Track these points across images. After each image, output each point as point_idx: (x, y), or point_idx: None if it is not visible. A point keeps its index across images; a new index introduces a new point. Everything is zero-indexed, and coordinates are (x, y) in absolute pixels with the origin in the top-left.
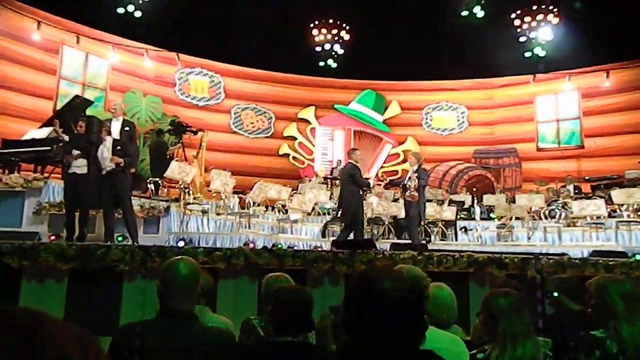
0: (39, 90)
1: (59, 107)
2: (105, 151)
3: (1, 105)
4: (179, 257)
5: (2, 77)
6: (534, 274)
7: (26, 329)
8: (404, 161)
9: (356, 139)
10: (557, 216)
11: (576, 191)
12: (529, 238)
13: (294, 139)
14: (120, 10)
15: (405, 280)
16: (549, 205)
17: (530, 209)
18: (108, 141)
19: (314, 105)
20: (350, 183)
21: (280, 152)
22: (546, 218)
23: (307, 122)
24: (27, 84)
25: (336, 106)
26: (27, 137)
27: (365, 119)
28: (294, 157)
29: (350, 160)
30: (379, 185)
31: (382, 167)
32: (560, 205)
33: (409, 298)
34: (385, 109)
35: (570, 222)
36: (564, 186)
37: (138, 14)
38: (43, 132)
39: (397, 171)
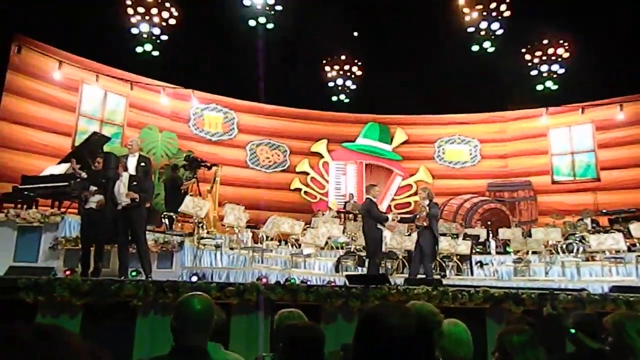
0: (59, 127)
1: (77, 143)
2: (121, 186)
3: (22, 142)
4: (194, 293)
5: (23, 114)
6: (550, 310)
7: (47, 338)
8: (416, 193)
9: (368, 172)
10: (574, 250)
11: (594, 225)
12: (546, 273)
13: (307, 174)
14: (139, 49)
15: (412, 316)
16: (566, 239)
17: (547, 242)
18: (124, 177)
19: (326, 139)
20: (368, 218)
21: (292, 187)
22: (564, 252)
23: (320, 155)
24: (47, 121)
25: (344, 144)
26: (45, 173)
27: (375, 152)
28: (305, 192)
29: (369, 196)
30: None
31: (393, 199)
32: (577, 239)
33: (416, 334)
34: (392, 138)
35: (588, 256)
36: (581, 219)
37: (156, 53)
38: (61, 168)
39: (409, 203)
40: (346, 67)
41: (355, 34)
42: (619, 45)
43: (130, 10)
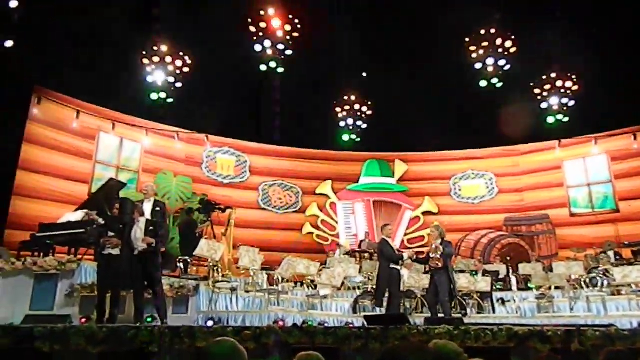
0: (76, 174)
1: (94, 190)
2: (138, 231)
3: (40, 191)
4: (220, 338)
5: (41, 163)
6: (578, 347)
7: None
8: (425, 225)
9: (376, 209)
10: (599, 284)
11: (617, 257)
12: (571, 309)
13: (317, 217)
14: (154, 96)
15: (431, 355)
16: (589, 272)
17: (570, 277)
18: (141, 222)
19: (330, 179)
20: (382, 258)
21: (304, 232)
22: (587, 287)
23: (326, 197)
24: (64, 170)
25: (349, 187)
26: (62, 220)
27: (380, 187)
28: (317, 235)
29: (382, 236)
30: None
31: (406, 234)
32: (601, 272)
33: None
34: (393, 171)
35: (614, 290)
36: (603, 252)
37: (170, 100)
38: (78, 215)
39: (423, 237)
40: (356, 107)
41: (364, 74)
42: (628, 75)
43: (145, 60)
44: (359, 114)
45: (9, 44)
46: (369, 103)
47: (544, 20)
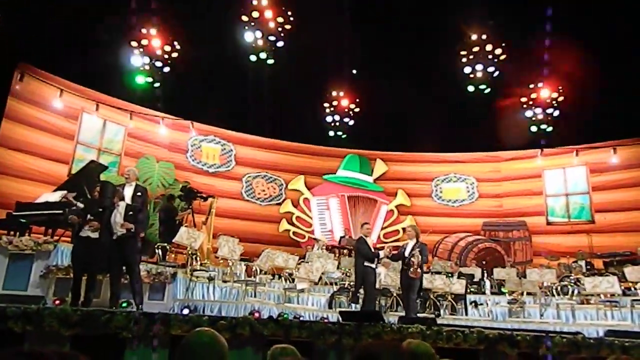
0: (56, 154)
1: (74, 171)
2: (117, 216)
3: (18, 169)
4: (201, 328)
5: (21, 141)
6: (546, 352)
7: None
8: (399, 220)
9: (351, 204)
10: (569, 293)
11: (588, 267)
12: (541, 315)
13: (291, 213)
14: (140, 80)
15: (404, 355)
16: (561, 280)
17: (542, 284)
18: (121, 206)
19: (302, 175)
20: (358, 255)
21: (281, 229)
22: (558, 294)
23: (300, 192)
24: (45, 148)
25: (325, 176)
26: (40, 200)
27: (356, 183)
28: (294, 233)
29: (360, 234)
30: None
31: (382, 227)
32: (572, 281)
33: None
34: (372, 170)
35: (583, 299)
36: (575, 261)
37: (157, 84)
38: (56, 196)
39: (397, 231)
40: (344, 103)
41: (354, 71)
42: (613, 90)
43: (133, 43)
44: (346, 110)
45: None
46: (357, 101)
47: (534, 29)
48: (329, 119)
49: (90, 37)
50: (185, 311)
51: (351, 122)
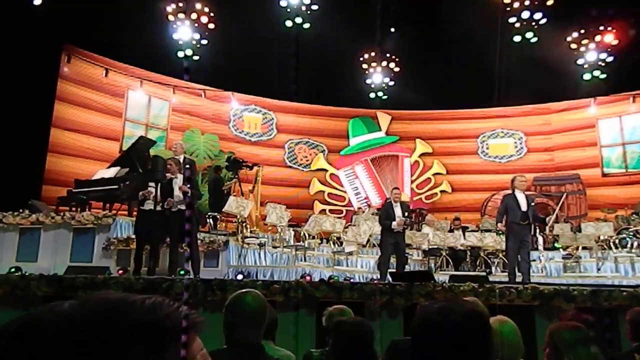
0: (107, 132)
1: (125, 147)
2: (176, 188)
3: (73, 148)
4: (247, 290)
5: (74, 121)
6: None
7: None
8: (426, 169)
9: (376, 166)
10: (628, 245)
11: None
12: (598, 269)
13: (323, 192)
14: (180, 54)
15: (476, 313)
16: (618, 233)
17: (599, 238)
18: (179, 178)
19: (322, 153)
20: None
21: (316, 211)
22: (616, 247)
23: (324, 170)
24: (96, 127)
25: (342, 152)
26: (96, 176)
27: (372, 143)
28: (330, 211)
29: (390, 198)
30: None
31: (412, 180)
32: (631, 233)
33: (479, 332)
34: (379, 125)
35: None
36: (635, 213)
37: (196, 57)
38: (111, 172)
39: (429, 179)
40: (384, 64)
41: (392, 30)
42: None
43: (171, 17)
44: (386, 71)
45: (37, 1)
46: (397, 60)
47: None
48: (368, 81)
49: (130, 16)
50: (240, 277)
51: (391, 83)
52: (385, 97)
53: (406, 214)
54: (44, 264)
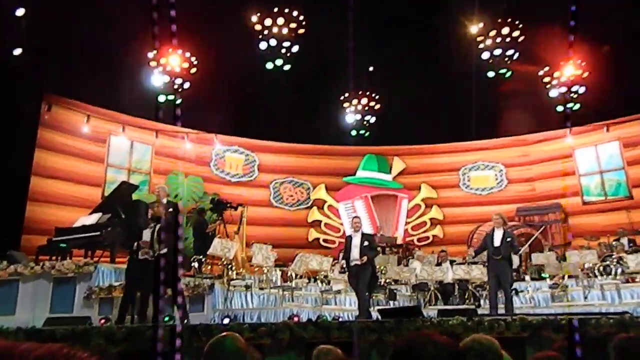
0: (89, 178)
1: (107, 193)
2: (155, 235)
3: (54, 195)
4: (226, 333)
5: (55, 168)
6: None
7: None
8: (426, 212)
9: (375, 203)
10: (613, 272)
11: (630, 244)
12: (585, 297)
13: (320, 221)
14: (162, 98)
15: (448, 346)
16: (602, 260)
17: (583, 266)
18: (157, 227)
19: (323, 183)
20: None
21: (310, 239)
22: (601, 275)
23: (323, 201)
24: (77, 174)
25: (345, 179)
26: (77, 224)
27: (376, 183)
28: (324, 240)
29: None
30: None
31: (407, 222)
32: (615, 260)
33: None
34: (390, 168)
35: (628, 277)
36: (616, 240)
37: (178, 101)
38: (92, 219)
39: (425, 222)
40: (364, 101)
41: (371, 68)
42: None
43: (152, 63)
44: (366, 108)
45: (17, 51)
46: (377, 97)
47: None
48: (349, 118)
49: (111, 62)
50: (226, 320)
51: (372, 120)
52: (366, 134)
53: (366, 243)
54: (22, 316)
